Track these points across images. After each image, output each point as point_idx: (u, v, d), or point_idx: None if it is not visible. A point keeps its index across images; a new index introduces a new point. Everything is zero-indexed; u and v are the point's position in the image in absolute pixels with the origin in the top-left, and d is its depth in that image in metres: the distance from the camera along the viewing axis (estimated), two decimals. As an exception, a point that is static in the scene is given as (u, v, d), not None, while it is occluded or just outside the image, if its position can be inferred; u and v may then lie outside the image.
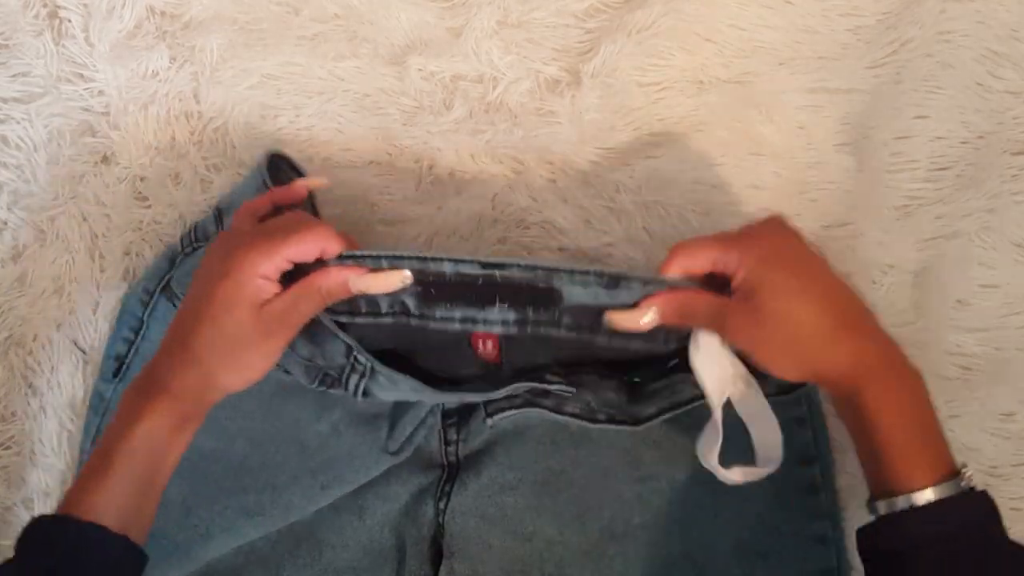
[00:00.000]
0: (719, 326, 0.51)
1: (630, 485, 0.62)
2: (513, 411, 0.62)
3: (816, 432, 0.64)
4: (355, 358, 0.59)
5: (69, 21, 0.71)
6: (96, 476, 0.49)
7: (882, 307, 0.65)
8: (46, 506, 0.68)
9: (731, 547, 0.61)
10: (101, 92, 0.72)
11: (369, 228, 0.71)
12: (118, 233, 0.71)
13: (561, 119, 0.69)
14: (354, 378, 0.59)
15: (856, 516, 0.64)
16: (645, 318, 0.53)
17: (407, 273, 0.54)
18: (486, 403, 0.62)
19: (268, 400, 0.63)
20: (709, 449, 0.55)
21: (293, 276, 0.53)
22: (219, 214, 0.67)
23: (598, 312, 0.54)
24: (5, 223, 0.71)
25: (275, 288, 0.52)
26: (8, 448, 0.69)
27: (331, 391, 0.61)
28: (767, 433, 0.55)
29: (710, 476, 0.62)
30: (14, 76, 0.71)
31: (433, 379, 0.61)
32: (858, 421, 0.49)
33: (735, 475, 0.55)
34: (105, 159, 0.72)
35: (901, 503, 0.47)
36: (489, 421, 0.62)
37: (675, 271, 0.52)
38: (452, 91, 0.71)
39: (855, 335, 0.49)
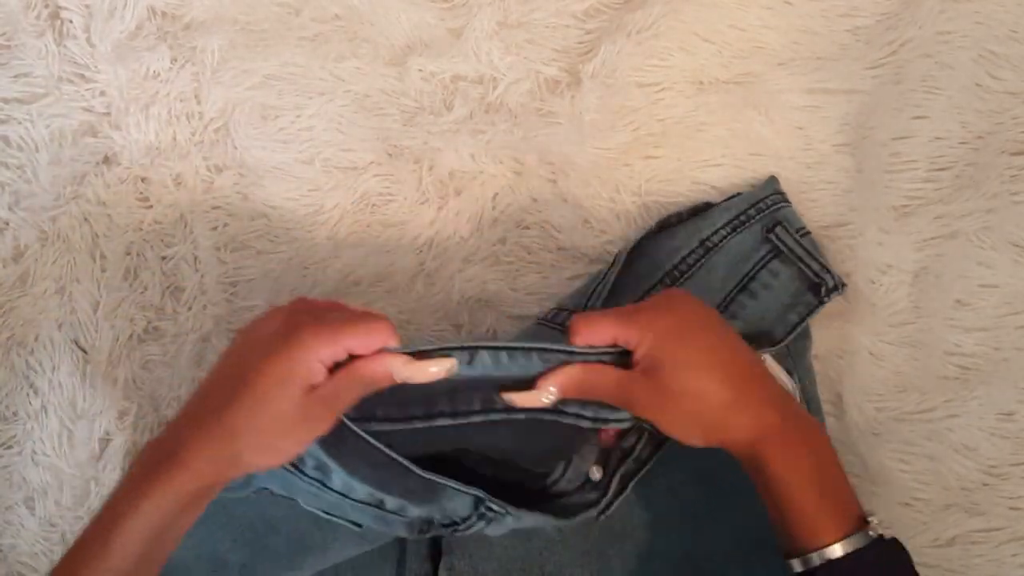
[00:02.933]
0: (624, 400, 0.52)
1: (630, 484, 0.62)
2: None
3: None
4: (488, 507, 0.56)
5: (71, 22, 0.71)
6: (91, 552, 0.46)
7: (881, 307, 0.65)
8: (46, 506, 0.68)
9: (731, 547, 0.62)
10: (102, 93, 0.72)
11: (369, 228, 0.71)
12: (119, 233, 0.71)
13: (561, 119, 0.70)
14: (479, 525, 0.57)
15: (855, 515, 0.64)
16: (545, 397, 0.52)
17: (453, 361, 0.52)
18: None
19: None
20: None
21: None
22: None
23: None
24: (7, 223, 0.71)
25: (325, 375, 0.50)
26: (9, 447, 0.69)
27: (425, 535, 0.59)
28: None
29: (709, 476, 0.63)
30: (16, 77, 0.71)
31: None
32: (764, 483, 0.50)
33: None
34: (106, 159, 0.72)
35: (815, 559, 0.48)
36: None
37: (579, 343, 0.52)
38: (452, 91, 0.71)
39: (755, 401, 0.51)
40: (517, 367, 0.53)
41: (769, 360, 0.63)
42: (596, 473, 0.58)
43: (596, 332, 0.52)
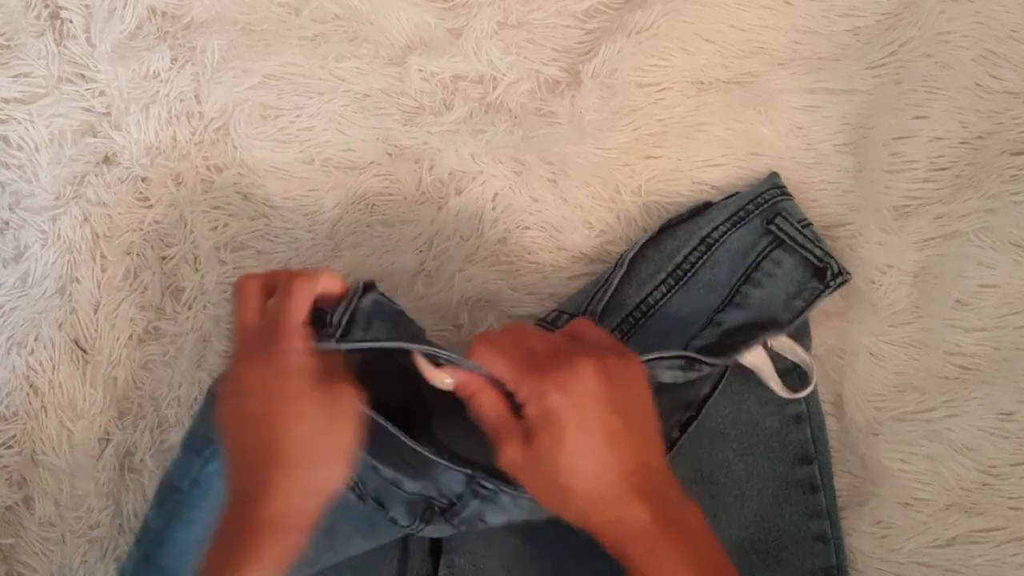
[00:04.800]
0: (497, 439, 0.50)
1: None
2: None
3: (815, 431, 0.65)
4: (480, 484, 0.55)
5: (70, 22, 0.71)
6: None
7: (881, 307, 0.65)
8: (46, 506, 0.68)
9: (731, 547, 0.61)
10: (102, 92, 0.72)
11: (369, 229, 0.71)
12: (119, 233, 0.71)
13: (561, 119, 0.70)
14: (474, 503, 0.56)
15: (855, 515, 0.64)
16: (444, 380, 0.52)
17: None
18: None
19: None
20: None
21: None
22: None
23: None
24: (7, 223, 0.71)
25: (313, 355, 0.51)
26: (9, 447, 0.69)
27: (421, 533, 0.58)
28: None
29: (710, 476, 0.63)
30: (16, 77, 0.71)
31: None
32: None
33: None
34: (107, 159, 0.72)
35: None
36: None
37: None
38: (452, 91, 0.71)
39: (625, 496, 0.47)
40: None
41: (784, 340, 0.62)
42: None
43: (490, 365, 0.51)
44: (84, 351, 0.70)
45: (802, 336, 0.66)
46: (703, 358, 0.58)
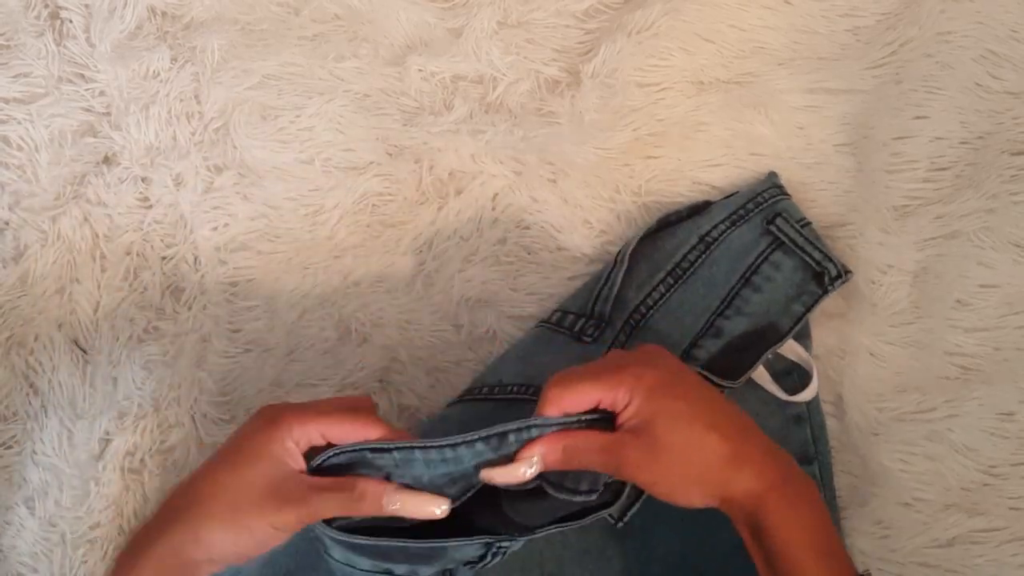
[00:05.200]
0: (613, 465, 0.49)
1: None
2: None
3: (815, 431, 0.65)
4: (499, 546, 0.55)
5: (70, 22, 0.71)
6: None
7: (881, 307, 0.65)
8: (46, 506, 0.68)
9: (731, 547, 0.61)
10: (102, 92, 0.72)
11: (369, 229, 0.71)
12: (120, 233, 0.71)
13: (561, 119, 0.70)
14: (496, 560, 0.56)
15: (856, 515, 0.64)
16: (527, 470, 0.50)
17: (445, 504, 0.50)
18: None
19: None
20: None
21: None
22: None
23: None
24: (7, 223, 0.71)
25: (299, 459, 0.50)
26: (9, 448, 0.69)
27: None
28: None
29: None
30: (15, 77, 0.71)
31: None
32: (761, 543, 0.48)
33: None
34: (107, 159, 0.72)
35: None
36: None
37: (554, 413, 0.50)
38: (452, 91, 0.71)
39: (756, 456, 0.49)
40: (494, 453, 0.51)
41: (792, 343, 0.63)
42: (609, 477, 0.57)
43: (577, 397, 0.50)
44: (84, 351, 0.70)
45: (803, 336, 0.66)
46: (712, 377, 0.60)
